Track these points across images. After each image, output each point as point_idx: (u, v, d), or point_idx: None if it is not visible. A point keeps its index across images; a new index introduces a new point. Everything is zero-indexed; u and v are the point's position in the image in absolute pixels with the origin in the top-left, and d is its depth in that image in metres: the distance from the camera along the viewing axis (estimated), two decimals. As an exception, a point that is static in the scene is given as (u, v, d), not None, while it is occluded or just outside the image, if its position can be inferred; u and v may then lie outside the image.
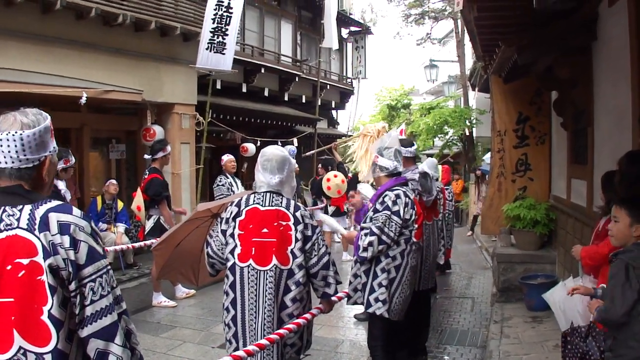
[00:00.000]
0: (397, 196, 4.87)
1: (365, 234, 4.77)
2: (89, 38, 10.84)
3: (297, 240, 4.02)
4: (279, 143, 15.37)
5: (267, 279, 3.92)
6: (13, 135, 2.08)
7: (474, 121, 21.76)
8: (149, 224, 8.73)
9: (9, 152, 2.07)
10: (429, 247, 6.19)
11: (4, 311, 1.91)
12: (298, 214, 4.08)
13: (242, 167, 15.83)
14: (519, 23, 6.40)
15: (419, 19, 26.91)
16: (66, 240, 2.01)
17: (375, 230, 4.74)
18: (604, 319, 3.36)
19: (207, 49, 12.22)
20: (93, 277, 2.04)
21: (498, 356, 5.96)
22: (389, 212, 4.79)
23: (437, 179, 9.55)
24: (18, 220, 2.00)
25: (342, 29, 24.72)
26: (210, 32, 12.17)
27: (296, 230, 4.03)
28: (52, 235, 1.99)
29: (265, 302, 3.92)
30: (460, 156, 24.97)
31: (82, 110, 11.56)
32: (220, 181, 10.63)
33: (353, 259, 4.82)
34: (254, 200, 4.10)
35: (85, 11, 10.36)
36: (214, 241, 4.18)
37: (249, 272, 3.95)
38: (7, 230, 1.98)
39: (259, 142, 15.81)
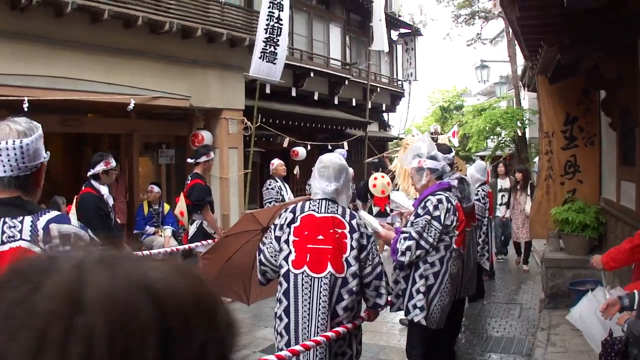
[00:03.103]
0: (439, 201, 4.80)
1: (404, 238, 4.71)
2: (137, 46, 11.04)
3: (352, 248, 3.97)
4: (329, 147, 15.41)
5: (321, 286, 3.87)
6: (13, 144, 2.10)
7: (526, 122, 21.44)
8: (192, 229, 8.79)
9: (9, 161, 2.10)
10: (469, 254, 6.10)
11: None
12: (354, 222, 4.05)
13: (294, 171, 15.87)
14: (561, 22, 6.26)
15: (468, 20, 26.66)
16: None
17: (414, 234, 4.68)
18: None
19: (260, 57, 12.33)
20: None
21: (542, 364, 5.84)
22: (429, 217, 4.73)
23: (484, 183, 9.41)
24: (20, 232, 2.04)
25: (392, 31, 24.62)
26: (264, 41, 12.28)
27: (352, 238, 3.99)
28: None
29: (319, 309, 3.87)
30: (514, 158, 24.65)
31: (132, 116, 11.77)
32: (269, 185, 10.71)
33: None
34: (309, 207, 4.08)
35: (133, 20, 10.55)
36: (266, 248, 4.14)
37: (303, 279, 3.91)
38: (9, 242, 2.01)
39: (309, 146, 15.86)
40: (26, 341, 0.56)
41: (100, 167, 6.67)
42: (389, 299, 4.50)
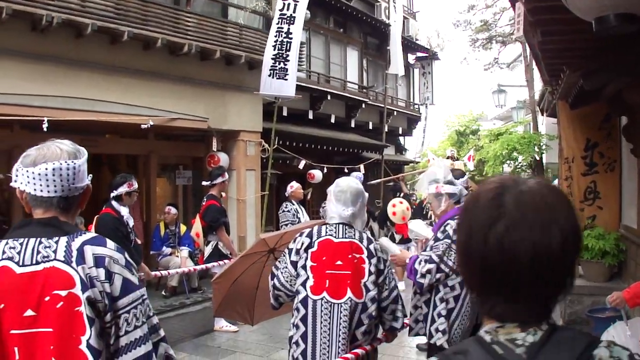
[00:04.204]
0: None
1: (425, 261, 4.69)
2: (156, 67, 11.12)
3: (370, 273, 3.94)
4: (346, 170, 15.38)
5: (341, 312, 3.84)
6: (67, 164, 2.12)
7: (544, 147, 21.34)
8: (207, 250, 8.85)
9: (61, 181, 2.12)
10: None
11: (43, 341, 1.93)
12: (371, 247, 4.03)
13: (308, 194, 15.84)
14: (584, 47, 6.22)
15: (486, 44, 26.71)
16: (101, 273, 2.03)
17: (434, 258, 4.66)
18: None
19: (269, 75, 12.32)
20: (127, 308, 2.05)
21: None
22: (449, 241, 4.71)
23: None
24: (55, 252, 2.02)
25: (409, 55, 24.67)
26: (272, 58, 12.27)
27: (370, 263, 3.97)
28: (89, 268, 2.01)
29: (339, 335, 3.83)
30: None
31: (150, 138, 11.82)
32: (286, 207, 10.71)
33: (404, 289, 4.70)
34: (326, 232, 4.04)
35: (152, 41, 10.64)
36: (281, 273, 4.09)
37: (322, 304, 3.87)
38: (44, 262, 2.00)
39: (325, 169, 15.82)
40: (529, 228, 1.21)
41: (123, 189, 6.72)
42: (406, 322, 4.45)
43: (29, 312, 1.95)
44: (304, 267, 3.96)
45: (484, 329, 1.29)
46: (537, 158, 21.90)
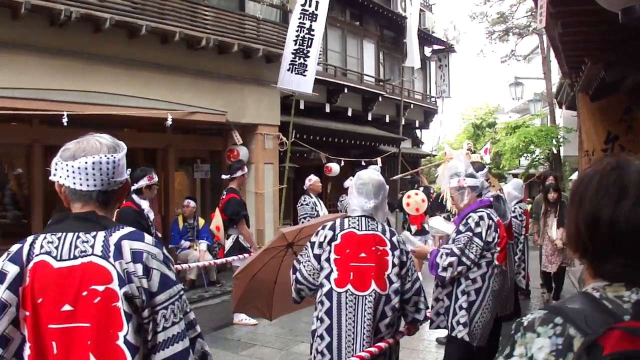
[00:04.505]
0: (481, 218, 4.80)
1: (446, 254, 4.71)
2: (174, 61, 11.16)
3: (394, 265, 3.93)
4: (363, 163, 15.36)
5: (366, 304, 3.83)
6: (107, 158, 2.11)
7: (561, 140, 21.24)
8: (228, 243, 8.84)
9: (100, 175, 2.10)
10: (506, 271, 6.03)
11: (80, 336, 1.93)
12: (394, 239, 4.02)
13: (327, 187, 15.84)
14: (606, 39, 6.19)
15: (503, 36, 26.60)
16: (139, 268, 2.00)
17: (456, 251, 4.68)
18: None
19: (288, 70, 12.36)
20: (165, 304, 2.02)
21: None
22: (470, 234, 4.72)
23: (520, 200, 9.29)
24: (92, 247, 2.01)
25: (425, 48, 24.57)
26: (292, 53, 12.30)
27: (393, 255, 3.95)
28: (126, 263, 1.99)
29: (364, 327, 3.82)
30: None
31: (168, 131, 11.84)
32: (304, 200, 10.71)
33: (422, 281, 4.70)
34: (349, 225, 4.02)
35: (170, 35, 10.68)
36: (304, 266, 4.06)
37: (347, 297, 3.85)
38: (82, 257, 1.99)
39: (342, 162, 15.79)
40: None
41: (143, 182, 6.74)
42: (428, 314, 4.46)
43: (67, 307, 1.95)
44: (328, 260, 3.96)
45: (590, 286, 1.48)
46: (555, 151, 21.80)
